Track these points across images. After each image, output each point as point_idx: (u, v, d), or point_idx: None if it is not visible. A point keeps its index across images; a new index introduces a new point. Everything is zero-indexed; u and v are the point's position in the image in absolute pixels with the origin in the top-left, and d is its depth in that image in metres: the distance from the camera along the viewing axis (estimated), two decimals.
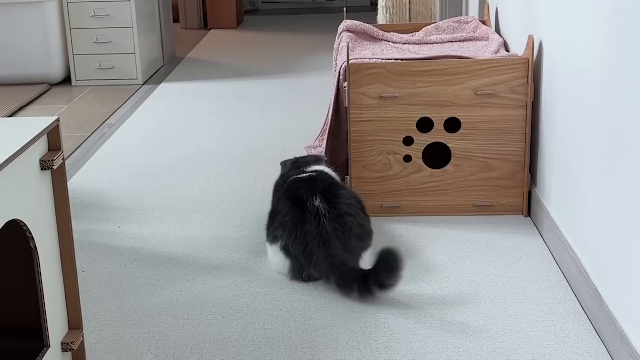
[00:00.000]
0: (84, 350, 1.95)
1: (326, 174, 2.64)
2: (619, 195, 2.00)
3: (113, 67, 5.34)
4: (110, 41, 5.31)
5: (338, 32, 3.56)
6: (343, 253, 2.39)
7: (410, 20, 4.63)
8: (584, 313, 2.24)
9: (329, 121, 3.16)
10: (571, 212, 2.43)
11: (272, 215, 2.56)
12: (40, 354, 1.76)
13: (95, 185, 3.38)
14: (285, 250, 2.45)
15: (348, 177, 2.95)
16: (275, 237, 2.49)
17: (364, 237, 2.51)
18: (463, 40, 3.47)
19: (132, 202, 3.17)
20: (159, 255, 2.70)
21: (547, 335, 2.14)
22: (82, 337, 1.93)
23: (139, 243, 2.80)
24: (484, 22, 3.67)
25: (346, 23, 3.56)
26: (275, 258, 2.50)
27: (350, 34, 3.48)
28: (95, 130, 4.25)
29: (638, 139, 1.86)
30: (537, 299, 2.32)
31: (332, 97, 3.13)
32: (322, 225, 2.41)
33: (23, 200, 1.67)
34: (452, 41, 3.48)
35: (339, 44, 3.44)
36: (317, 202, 2.44)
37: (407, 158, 2.91)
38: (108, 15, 5.26)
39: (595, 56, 2.17)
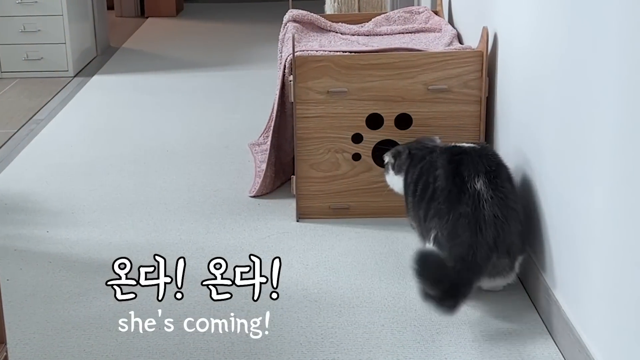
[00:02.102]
0: None
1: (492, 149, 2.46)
2: (576, 196, 2.02)
3: (42, 58, 5.26)
4: (39, 30, 5.22)
5: (283, 22, 3.55)
6: (497, 244, 2.22)
7: (359, 10, 4.64)
8: (540, 320, 2.26)
9: (274, 117, 3.15)
10: (527, 214, 2.45)
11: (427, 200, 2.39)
12: None
13: (22, 186, 3.33)
14: (438, 243, 2.29)
15: (294, 177, 2.94)
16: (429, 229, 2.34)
17: (523, 238, 2.33)
18: (415, 32, 3.48)
19: (61, 205, 3.13)
20: (90, 262, 2.67)
21: (502, 343, 2.15)
22: (6, 351, 1.90)
23: (68, 249, 2.76)
24: (436, 13, 3.68)
25: (292, 13, 3.55)
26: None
27: (296, 25, 3.46)
28: (22, 126, 4.18)
29: (596, 136, 1.88)
30: (492, 306, 2.34)
31: (277, 92, 3.12)
32: (481, 209, 2.24)
33: None
34: (403, 33, 3.49)
35: (285, 34, 3.43)
36: (479, 184, 2.27)
37: (356, 156, 2.91)
38: (36, 2, 5.17)
39: (553, 49, 2.19)
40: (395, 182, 2.64)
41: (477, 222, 2.23)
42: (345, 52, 3.01)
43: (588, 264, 1.95)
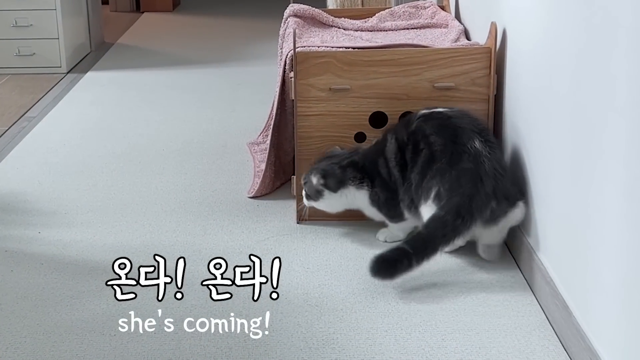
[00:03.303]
0: None
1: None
2: (587, 197, 2.01)
3: (34, 53, 5.25)
4: (31, 25, 5.22)
5: (284, 17, 3.55)
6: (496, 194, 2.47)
7: (363, 5, 4.63)
8: (550, 326, 2.25)
9: (274, 116, 3.15)
10: (536, 216, 2.44)
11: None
12: None
13: (13, 186, 3.32)
14: (438, 198, 2.48)
15: (294, 177, 2.94)
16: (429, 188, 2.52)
17: (517, 185, 2.57)
18: (420, 28, 3.47)
19: (54, 205, 3.12)
20: (83, 263, 2.66)
21: (510, 351, 2.15)
22: None
23: (61, 250, 2.75)
24: (443, 8, 3.68)
25: (293, 7, 3.54)
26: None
27: (298, 20, 3.46)
28: (13, 124, 4.18)
29: (607, 137, 1.87)
30: (500, 312, 2.33)
31: (277, 89, 3.11)
32: (481, 164, 2.47)
33: None
34: (408, 28, 3.48)
35: (285, 30, 3.43)
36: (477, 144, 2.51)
37: None
38: None
39: (564, 45, 2.18)
40: (335, 200, 2.75)
41: (478, 175, 2.46)
42: (348, 48, 3.01)
43: (600, 265, 1.94)
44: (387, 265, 2.39)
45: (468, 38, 3.28)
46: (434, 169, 2.51)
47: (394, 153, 2.65)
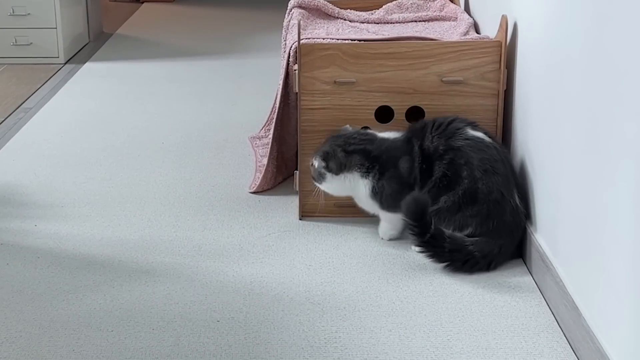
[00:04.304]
0: None
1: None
2: (597, 195, 2.01)
3: (31, 43, 5.25)
4: (29, 14, 5.22)
5: (288, 8, 3.55)
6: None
7: None
8: (559, 328, 2.25)
9: (277, 109, 3.14)
10: (545, 214, 2.44)
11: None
12: None
13: (9, 178, 3.32)
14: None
15: (297, 172, 2.94)
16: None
17: None
18: (428, 20, 3.47)
19: (50, 197, 3.12)
20: (80, 257, 2.66)
21: (517, 352, 2.15)
22: None
23: (57, 244, 2.76)
24: (452, 0, 3.68)
25: None
26: None
27: (302, 11, 3.46)
28: (10, 115, 4.18)
29: (619, 135, 1.87)
30: (507, 312, 2.33)
31: (281, 82, 3.11)
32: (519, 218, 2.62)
33: None
34: (416, 21, 3.48)
35: (289, 21, 3.43)
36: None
37: None
38: None
39: (576, 40, 2.18)
40: (337, 184, 2.74)
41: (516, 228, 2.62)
42: (354, 40, 3.01)
43: (610, 265, 1.94)
44: (420, 209, 2.48)
45: (478, 32, 3.28)
46: (474, 209, 2.58)
47: (419, 157, 2.65)
